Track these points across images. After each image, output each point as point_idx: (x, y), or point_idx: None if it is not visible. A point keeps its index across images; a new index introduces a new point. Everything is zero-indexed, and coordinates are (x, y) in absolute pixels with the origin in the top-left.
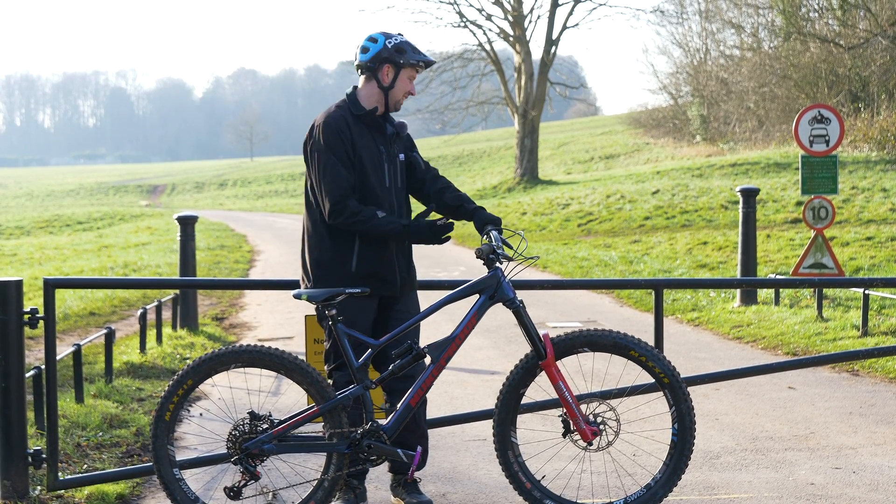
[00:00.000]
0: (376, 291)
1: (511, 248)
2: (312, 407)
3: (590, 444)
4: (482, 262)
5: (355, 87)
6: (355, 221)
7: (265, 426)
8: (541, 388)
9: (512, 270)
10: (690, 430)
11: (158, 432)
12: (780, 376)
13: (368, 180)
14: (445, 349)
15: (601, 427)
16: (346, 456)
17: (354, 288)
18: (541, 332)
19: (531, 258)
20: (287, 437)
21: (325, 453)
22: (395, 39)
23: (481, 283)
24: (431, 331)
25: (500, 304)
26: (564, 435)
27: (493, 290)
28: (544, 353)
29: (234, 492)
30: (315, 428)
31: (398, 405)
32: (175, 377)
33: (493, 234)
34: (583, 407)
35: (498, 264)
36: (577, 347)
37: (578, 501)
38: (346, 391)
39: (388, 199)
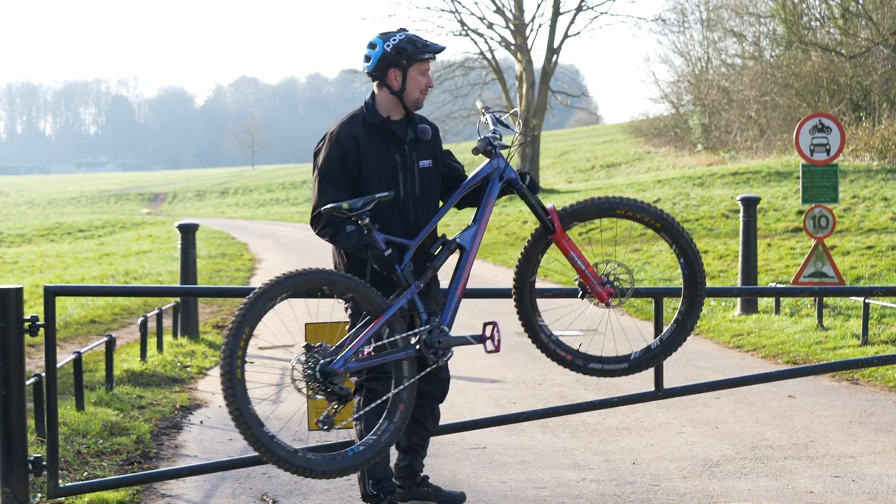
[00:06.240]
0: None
1: (507, 125)
2: (368, 320)
3: (608, 304)
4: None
5: (374, 93)
6: (325, 234)
7: (330, 351)
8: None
9: (511, 149)
10: (696, 259)
11: (238, 394)
12: (780, 385)
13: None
14: (475, 234)
15: (616, 284)
16: (415, 361)
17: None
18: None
19: (527, 138)
20: (359, 354)
21: (394, 369)
22: (394, 40)
23: (488, 168)
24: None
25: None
26: (582, 297)
27: (501, 172)
28: (552, 228)
29: (326, 424)
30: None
31: (447, 299)
32: (228, 333)
33: (489, 115)
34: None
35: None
36: (572, 221)
37: (616, 355)
38: (398, 299)
39: (405, 210)
